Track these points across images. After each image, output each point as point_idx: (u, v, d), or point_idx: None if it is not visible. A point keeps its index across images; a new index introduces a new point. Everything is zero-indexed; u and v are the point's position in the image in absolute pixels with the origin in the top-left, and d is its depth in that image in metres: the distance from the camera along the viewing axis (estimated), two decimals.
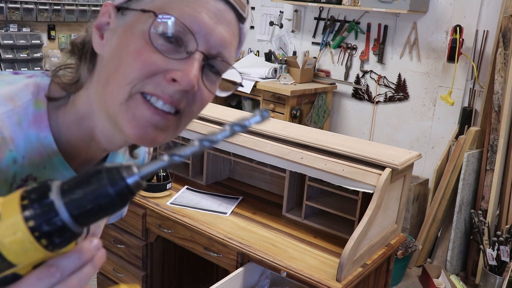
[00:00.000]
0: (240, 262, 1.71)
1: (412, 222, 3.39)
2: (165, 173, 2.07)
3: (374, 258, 1.68)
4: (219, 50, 0.63)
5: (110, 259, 2.23)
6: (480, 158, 3.15)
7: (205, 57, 0.62)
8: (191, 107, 0.63)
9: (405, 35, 3.62)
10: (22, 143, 0.63)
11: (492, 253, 2.75)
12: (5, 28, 4.25)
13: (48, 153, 0.66)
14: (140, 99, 0.60)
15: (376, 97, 3.85)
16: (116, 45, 0.62)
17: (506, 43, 2.97)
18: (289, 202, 1.97)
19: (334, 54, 4.07)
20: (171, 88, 0.60)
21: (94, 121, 0.66)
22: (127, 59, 0.60)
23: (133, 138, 0.62)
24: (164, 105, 0.60)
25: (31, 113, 0.65)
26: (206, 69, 0.63)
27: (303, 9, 4.21)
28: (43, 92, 0.67)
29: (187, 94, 0.62)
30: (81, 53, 0.68)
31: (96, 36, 0.65)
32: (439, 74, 3.49)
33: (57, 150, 0.66)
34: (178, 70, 0.59)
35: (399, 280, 3.13)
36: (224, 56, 0.64)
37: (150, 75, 0.59)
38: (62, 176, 0.68)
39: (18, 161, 0.63)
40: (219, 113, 2.12)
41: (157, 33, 0.59)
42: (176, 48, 0.60)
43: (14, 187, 0.63)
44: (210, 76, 0.64)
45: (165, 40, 0.59)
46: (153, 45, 0.59)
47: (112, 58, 0.62)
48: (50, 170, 0.67)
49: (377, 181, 1.59)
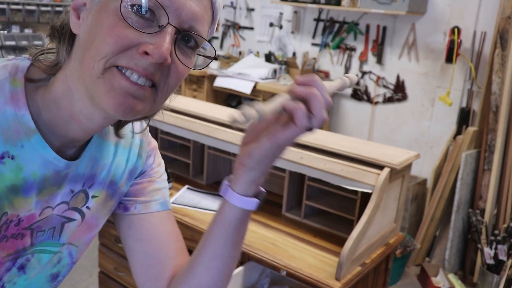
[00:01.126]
0: (240, 261, 1.72)
1: (410, 221, 3.41)
2: (166, 173, 2.09)
3: (373, 257, 1.70)
4: (191, 24, 0.64)
5: (111, 258, 2.25)
6: (478, 158, 3.17)
7: (177, 31, 0.63)
8: (166, 80, 0.65)
9: (403, 36, 3.64)
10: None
11: (490, 252, 2.77)
12: (7, 29, 4.27)
13: (26, 132, 0.66)
14: (116, 71, 0.62)
15: (375, 97, 3.87)
16: (91, 23, 0.63)
17: (504, 44, 3.00)
18: (288, 201, 1.98)
19: (333, 55, 4.09)
20: (144, 61, 0.61)
21: (73, 101, 0.67)
22: (101, 35, 0.61)
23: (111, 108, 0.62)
24: (139, 78, 0.62)
25: (8, 90, 0.65)
26: (179, 43, 0.65)
27: (303, 10, 4.23)
28: (21, 73, 0.68)
29: (161, 68, 0.63)
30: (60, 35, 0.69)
31: (73, 17, 0.67)
32: (437, 75, 3.51)
33: (35, 128, 0.67)
34: (150, 43, 0.61)
35: (397, 279, 3.15)
36: (197, 30, 0.65)
37: (123, 49, 0.61)
38: (41, 156, 0.68)
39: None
40: (219, 113, 2.13)
41: (129, 9, 0.61)
42: (148, 23, 0.62)
43: None
44: (184, 50, 0.66)
45: (137, 16, 0.61)
46: (125, 20, 0.61)
47: (88, 35, 0.63)
48: (29, 149, 0.67)
49: (376, 181, 1.60)
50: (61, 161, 0.70)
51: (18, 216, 0.69)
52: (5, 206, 0.66)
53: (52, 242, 0.76)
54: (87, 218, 0.81)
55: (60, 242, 0.78)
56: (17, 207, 0.68)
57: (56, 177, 0.72)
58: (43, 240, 0.75)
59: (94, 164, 0.78)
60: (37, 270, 0.76)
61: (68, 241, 0.79)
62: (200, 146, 2.26)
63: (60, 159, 0.70)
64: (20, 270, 0.73)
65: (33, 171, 0.68)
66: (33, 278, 0.76)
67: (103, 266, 2.31)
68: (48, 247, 0.76)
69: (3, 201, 0.66)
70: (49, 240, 0.76)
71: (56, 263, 0.79)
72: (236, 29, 4.76)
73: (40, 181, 0.69)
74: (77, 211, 0.79)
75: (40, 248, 0.75)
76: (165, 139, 2.38)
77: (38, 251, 0.75)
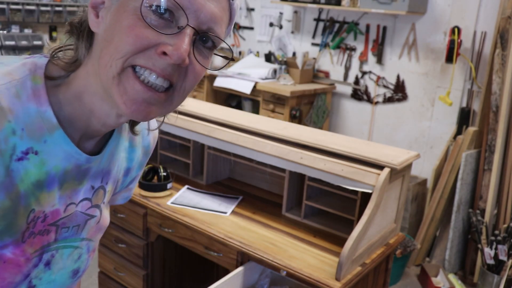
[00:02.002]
0: (240, 261, 1.72)
1: (410, 221, 3.41)
2: (166, 173, 2.09)
3: (373, 257, 1.70)
4: (210, 25, 0.64)
5: (111, 258, 2.25)
6: (478, 158, 3.17)
7: (196, 32, 0.63)
8: (184, 82, 0.66)
9: (403, 36, 3.64)
10: (21, 115, 0.64)
11: (490, 252, 2.76)
12: (7, 29, 4.27)
13: (48, 128, 0.67)
14: (131, 73, 0.62)
15: (375, 97, 3.87)
16: (110, 22, 0.64)
17: (504, 44, 2.99)
18: (288, 201, 1.98)
19: (334, 55, 4.08)
20: (162, 62, 0.62)
21: (93, 97, 0.68)
22: (120, 34, 0.62)
23: (126, 113, 0.64)
24: (157, 79, 0.62)
25: (30, 87, 0.66)
26: (197, 44, 0.65)
27: (303, 10, 4.23)
28: (40, 70, 0.68)
29: (179, 69, 0.64)
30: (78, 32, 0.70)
31: (92, 15, 0.67)
32: (437, 74, 3.50)
33: (57, 124, 0.68)
34: (169, 44, 0.61)
35: (397, 279, 3.15)
36: (215, 31, 0.65)
37: (142, 49, 0.61)
38: (63, 150, 0.69)
39: (17, 132, 0.64)
40: (219, 113, 2.13)
41: (148, 9, 0.61)
42: (168, 23, 0.62)
43: (13, 158, 0.64)
44: (202, 51, 0.66)
45: (156, 16, 0.61)
46: (145, 20, 0.61)
47: (107, 34, 0.64)
48: (52, 144, 0.68)
49: (376, 181, 1.60)
50: (82, 156, 0.72)
51: (44, 212, 0.70)
52: (32, 203, 0.67)
53: (74, 238, 0.78)
54: (103, 214, 0.83)
55: (81, 237, 0.79)
56: (43, 203, 0.69)
57: (77, 171, 0.73)
58: (67, 237, 0.76)
59: (111, 159, 0.80)
60: (60, 265, 0.77)
61: (87, 237, 0.81)
62: (200, 146, 2.26)
63: (81, 153, 0.71)
64: (46, 266, 0.74)
65: (55, 165, 0.69)
66: (57, 273, 0.77)
67: (103, 266, 2.31)
68: (71, 243, 0.78)
69: (30, 198, 0.67)
70: (72, 236, 0.77)
71: (77, 259, 0.80)
72: (236, 29, 4.76)
73: (61, 175, 0.70)
74: (97, 207, 0.81)
75: (63, 244, 0.76)
76: (165, 139, 2.38)
77: (61, 247, 0.76)
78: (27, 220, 0.68)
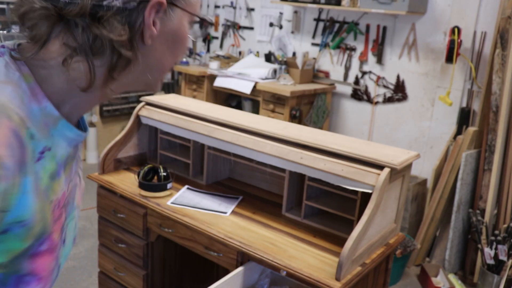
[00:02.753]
0: (240, 261, 1.72)
1: (410, 221, 3.41)
2: (166, 173, 2.08)
3: (373, 257, 1.70)
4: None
5: (111, 258, 2.25)
6: (478, 158, 3.17)
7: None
8: None
9: (403, 36, 3.64)
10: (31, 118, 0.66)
11: (490, 252, 2.77)
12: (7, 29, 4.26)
13: (52, 121, 0.69)
14: None
15: (375, 97, 3.87)
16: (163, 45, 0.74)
17: (504, 44, 2.99)
18: (288, 201, 1.98)
19: (334, 55, 4.09)
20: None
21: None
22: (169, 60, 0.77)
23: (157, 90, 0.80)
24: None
25: (26, 88, 0.67)
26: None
27: (303, 10, 4.23)
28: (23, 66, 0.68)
29: None
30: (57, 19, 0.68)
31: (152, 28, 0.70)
32: (437, 74, 3.51)
33: (59, 115, 0.70)
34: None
35: (397, 279, 3.15)
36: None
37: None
38: (67, 137, 0.72)
39: (35, 136, 0.66)
40: (219, 113, 2.13)
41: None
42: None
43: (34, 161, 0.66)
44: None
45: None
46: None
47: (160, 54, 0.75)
48: (57, 136, 0.70)
49: (376, 181, 1.60)
50: (82, 135, 0.75)
51: (58, 199, 0.73)
52: (50, 195, 0.70)
53: (72, 210, 0.82)
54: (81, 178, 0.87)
55: (74, 207, 0.83)
56: (57, 191, 0.72)
57: (75, 151, 0.77)
58: (70, 211, 0.80)
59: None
60: (69, 238, 0.81)
61: (76, 205, 0.85)
62: (200, 146, 2.26)
63: (81, 134, 0.74)
64: (63, 243, 0.78)
65: (62, 154, 0.72)
66: (67, 246, 0.81)
67: (103, 266, 2.31)
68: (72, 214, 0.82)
69: (49, 192, 0.70)
70: (72, 209, 0.81)
71: (74, 228, 0.84)
72: (236, 29, 4.76)
73: (65, 159, 0.74)
74: (77, 174, 0.84)
75: (69, 219, 0.80)
76: (165, 139, 2.38)
77: (68, 221, 0.80)
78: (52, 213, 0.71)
